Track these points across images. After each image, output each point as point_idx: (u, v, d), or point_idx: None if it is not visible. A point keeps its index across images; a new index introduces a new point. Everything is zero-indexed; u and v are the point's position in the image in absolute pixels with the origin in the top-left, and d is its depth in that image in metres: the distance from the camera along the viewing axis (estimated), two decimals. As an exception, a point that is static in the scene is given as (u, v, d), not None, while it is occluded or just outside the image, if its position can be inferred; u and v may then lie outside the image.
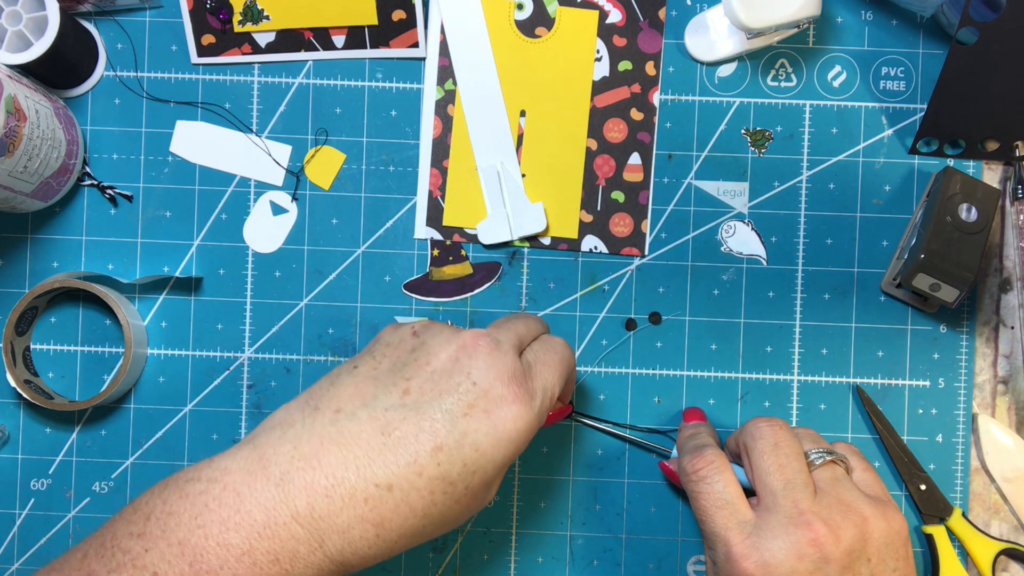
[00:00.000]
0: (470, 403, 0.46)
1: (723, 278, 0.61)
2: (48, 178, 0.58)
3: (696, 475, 0.53)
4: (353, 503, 0.44)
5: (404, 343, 0.49)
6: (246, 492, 0.43)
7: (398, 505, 0.44)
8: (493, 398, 0.46)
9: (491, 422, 0.46)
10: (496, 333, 0.49)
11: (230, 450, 0.46)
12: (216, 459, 0.45)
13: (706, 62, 0.61)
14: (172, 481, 0.45)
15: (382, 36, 0.60)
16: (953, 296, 0.56)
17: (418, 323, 0.51)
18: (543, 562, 0.61)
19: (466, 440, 0.45)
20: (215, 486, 0.44)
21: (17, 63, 0.56)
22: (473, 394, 0.46)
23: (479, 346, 0.47)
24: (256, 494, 0.43)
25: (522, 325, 0.52)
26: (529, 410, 0.47)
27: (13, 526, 0.61)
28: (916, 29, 0.61)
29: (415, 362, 0.47)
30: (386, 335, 0.51)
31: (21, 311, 0.59)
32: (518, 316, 0.54)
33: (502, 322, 0.52)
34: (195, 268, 0.61)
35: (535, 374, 0.49)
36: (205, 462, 0.45)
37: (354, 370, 0.48)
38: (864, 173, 0.61)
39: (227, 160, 0.61)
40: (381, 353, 0.49)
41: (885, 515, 0.50)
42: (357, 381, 0.47)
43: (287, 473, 0.43)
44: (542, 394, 0.49)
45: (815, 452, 0.52)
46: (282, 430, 0.45)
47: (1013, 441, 0.61)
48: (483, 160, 0.61)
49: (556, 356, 0.51)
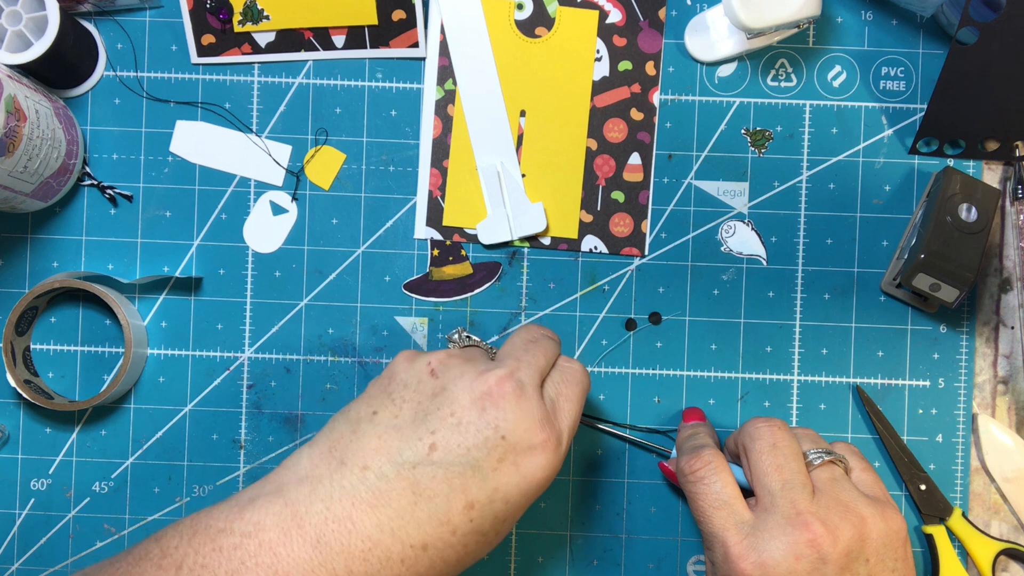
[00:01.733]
0: (499, 457, 0.46)
1: (723, 278, 0.61)
2: (48, 178, 0.58)
3: (694, 475, 0.53)
4: (390, 564, 0.44)
5: (423, 385, 0.48)
6: (283, 552, 0.43)
7: (433, 562, 0.45)
8: (522, 450, 0.46)
9: (520, 473, 0.46)
10: (519, 372, 0.48)
11: (259, 500, 0.45)
12: (247, 511, 0.45)
13: (706, 62, 0.61)
14: (201, 527, 0.45)
15: (382, 36, 0.60)
16: (953, 296, 0.56)
17: (435, 358, 0.49)
18: (543, 562, 0.61)
19: (497, 495, 0.46)
20: (250, 542, 0.43)
21: (17, 63, 0.56)
22: (502, 448, 0.46)
23: (505, 393, 0.46)
24: (293, 555, 0.43)
25: (541, 355, 0.51)
26: (557, 456, 0.47)
27: (13, 526, 0.61)
28: (916, 29, 0.61)
29: (438, 411, 0.46)
30: (401, 371, 0.49)
31: (21, 311, 0.59)
32: (535, 342, 0.52)
33: (521, 352, 0.50)
34: (195, 268, 0.61)
35: (559, 413, 0.49)
36: (235, 510, 0.45)
37: (374, 417, 0.47)
38: (864, 173, 0.61)
39: (227, 160, 0.61)
40: (400, 396, 0.48)
41: (883, 515, 0.50)
42: (380, 432, 0.46)
43: (323, 535, 0.44)
44: (568, 433, 0.49)
45: (814, 452, 0.52)
46: (311, 486, 0.45)
47: (1013, 441, 0.61)
48: (483, 160, 0.61)
49: (578, 389, 0.51)
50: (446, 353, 0.49)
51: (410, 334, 0.61)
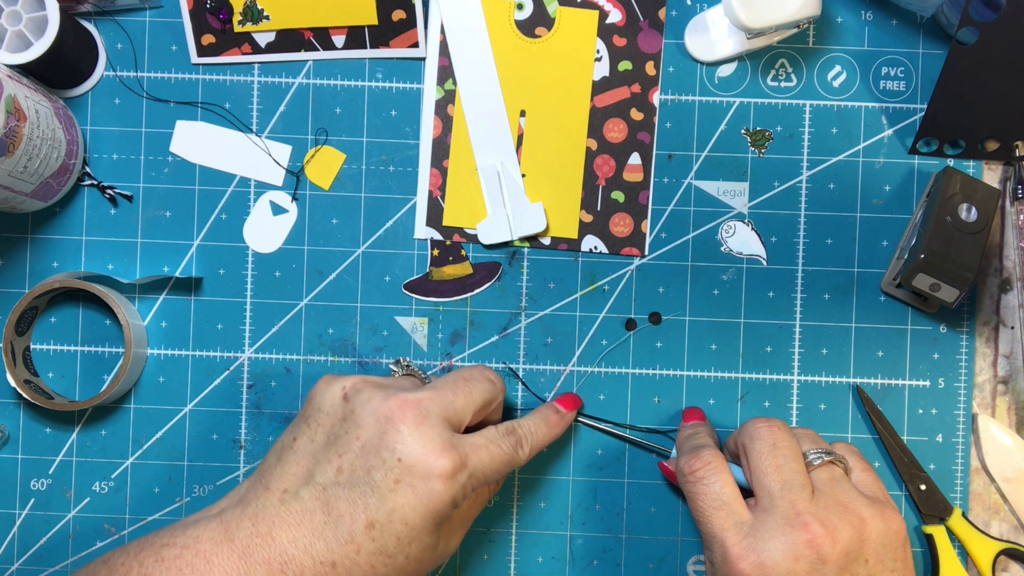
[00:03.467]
0: (395, 479, 0.48)
1: (723, 278, 0.61)
2: (48, 178, 0.58)
3: (693, 475, 0.53)
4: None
5: (335, 410, 0.51)
6: (215, 561, 0.47)
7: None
8: (418, 473, 0.48)
9: (417, 496, 0.48)
10: (427, 401, 0.50)
11: (201, 520, 0.49)
12: (189, 528, 0.49)
13: (706, 62, 0.61)
14: (147, 544, 0.49)
15: (382, 36, 0.60)
16: (953, 296, 0.56)
17: (349, 383, 0.51)
18: (543, 562, 0.61)
19: (395, 516, 0.48)
20: (188, 552, 0.48)
21: (17, 63, 0.56)
22: (399, 470, 0.48)
23: (405, 418, 0.49)
24: (223, 563, 0.47)
25: (463, 394, 0.52)
26: (453, 484, 0.49)
27: (13, 526, 0.61)
28: (916, 29, 0.61)
29: (346, 435, 0.49)
30: (318, 395, 0.52)
31: (21, 311, 0.59)
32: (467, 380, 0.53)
33: (444, 385, 0.52)
34: (195, 268, 0.61)
35: (472, 449, 0.50)
36: (179, 528, 0.49)
37: (294, 443, 0.51)
38: (864, 173, 0.61)
39: (227, 160, 0.61)
40: (316, 421, 0.51)
41: (883, 516, 0.50)
42: (298, 457, 0.50)
43: (248, 548, 0.48)
44: (471, 474, 0.50)
45: (813, 452, 0.52)
46: (242, 507, 0.49)
47: (1013, 441, 0.61)
48: (483, 160, 0.61)
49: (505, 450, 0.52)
50: (361, 378, 0.52)
51: (410, 334, 0.61)
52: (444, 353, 0.61)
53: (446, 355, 0.61)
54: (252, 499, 0.50)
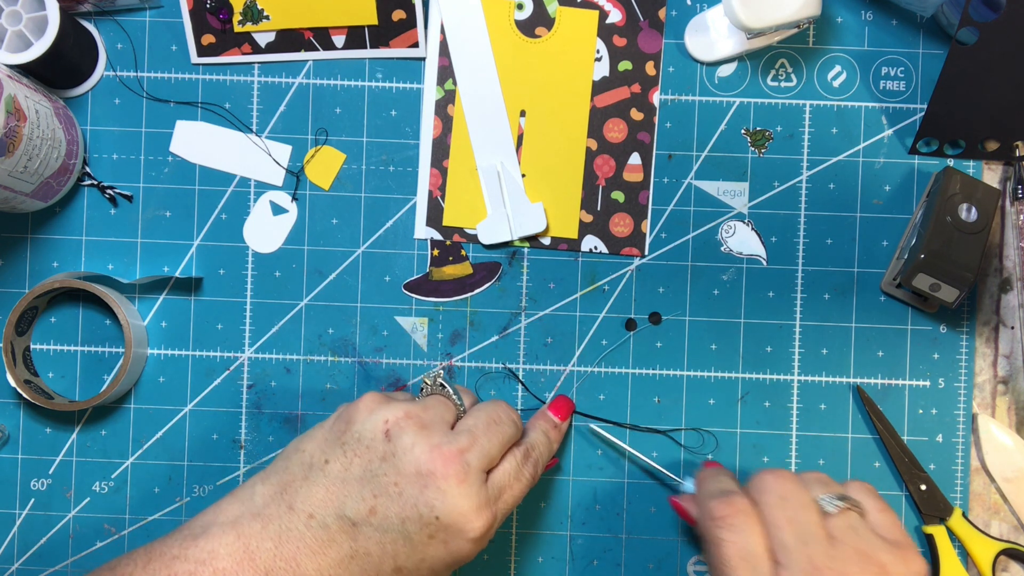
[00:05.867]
0: (430, 534, 0.48)
1: (723, 278, 0.61)
2: (48, 178, 0.58)
3: (723, 521, 0.50)
4: None
5: (376, 443, 0.50)
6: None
7: None
8: (454, 532, 0.49)
9: (448, 551, 0.49)
10: (469, 454, 0.49)
11: (212, 530, 0.48)
12: (200, 539, 0.48)
13: (706, 62, 0.61)
14: (156, 555, 0.47)
15: (382, 36, 0.60)
16: (953, 296, 0.56)
17: (392, 416, 0.50)
18: (543, 562, 0.61)
19: (424, 564, 0.49)
20: (204, 569, 0.47)
21: (17, 63, 0.56)
22: (434, 527, 0.48)
23: (448, 475, 0.48)
24: None
25: (498, 441, 0.52)
26: (485, 540, 0.50)
27: (13, 526, 0.61)
28: (916, 29, 0.61)
29: (384, 476, 0.49)
30: (359, 422, 0.50)
31: (21, 311, 0.59)
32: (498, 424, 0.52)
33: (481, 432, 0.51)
34: (195, 268, 0.61)
35: (500, 501, 0.51)
36: (189, 539, 0.48)
37: (326, 466, 0.50)
38: (864, 173, 0.61)
39: (227, 160, 0.61)
40: (353, 450, 0.50)
41: (905, 560, 0.49)
42: (328, 483, 0.49)
43: (271, 571, 0.47)
44: (503, 516, 0.51)
45: (827, 499, 0.50)
46: (262, 523, 0.48)
47: (1013, 441, 0.60)
48: (483, 160, 0.61)
49: (525, 482, 0.53)
50: (404, 412, 0.50)
51: (410, 334, 0.61)
52: (444, 353, 0.61)
53: (446, 355, 0.61)
54: (273, 516, 0.48)
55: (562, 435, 0.59)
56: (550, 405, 0.59)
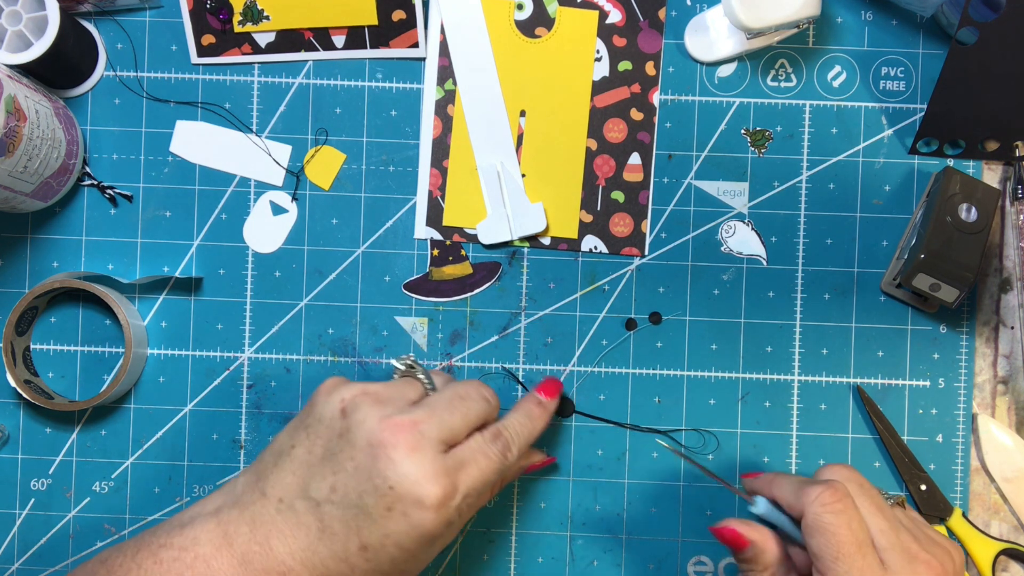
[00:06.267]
0: (387, 506, 0.48)
1: (723, 278, 0.61)
2: (48, 178, 0.58)
3: (832, 507, 0.48)
4: None
5: (334, 422, 0.50)
6: (215, 565, 0.48)
7: None
8: (409, 502, 0.47)
9: (409, 523, 0.48)
10: (423, 424, 0.49)
11: (197, 519, 0.49)
12: (186, 528, 0.49)
13: (706, 62, 0.61)
14: (144, 544, 0.49)
15: (382, 36, 0.60)
16: (953, 296, 0.56)
17: (348, 395, 0.50)
18: (543, 562, 0.61)
19: (388, 540, 0.48)
20: (187, 554, 0.48)
21: (17, 63, 0.56)
22: (390, 497, 0.47)
23: (398, 444, 0.48)
24: (223, 569, 0.48)
25: (460, 415, 0.51)
26: (445, 511, 0.48)
27: (13, 526, 0.61)
28: (916, 29, 0.61)
29: (341, 453, 0.49)
30: (319, 404, 0.51)
31: (21, 311, 0.59)
32: (463, 399, 0.52)
33: (441, 406, 0.51)
34: (195, 268, 0.61)
35: (463, 474, 0.49)
36: (176, 527, 0.49)
37: (292, 450, 0.50)
38: (864, 173, 0.61)
39: (227, 160, 0.61)
40: (315, 432, 0.50)
41: (955, 545, 0.51)
42: (295, 467, 0.50)
43: (247, 554, 0.48)
44: (467, 494, 0.49)
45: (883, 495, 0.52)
46: (239, 510, 0.49)
47: (1013, 441, 0.60)
48: (483, 160, 0.61)
49: (495, 460, 0.51)
50: (361, 390, 0.50)
51: (410, 334, 0.61)
52: (444, 353, 0.61)
53: (446, 355, 0.61)
54: (249, 503, 0.49)
55: (548, 414, 0.56)
56: (539, 385, 0.57)
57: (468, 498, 0.50)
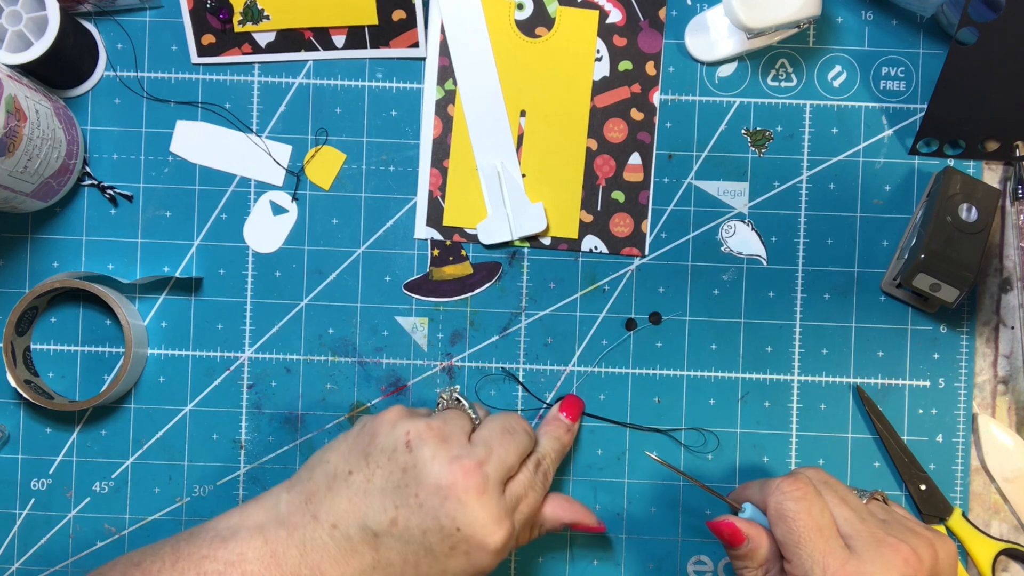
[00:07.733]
0: (452, 545, 0.49)
1: (723, 278, 0.61)
2: (48, 178, 0.58)
3: (793, 494, 0.50)
4: None
5: (397, 455, 0.50)
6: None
7: None
8: (475, 543, 0.49)
9: (469, 562, 0.49)
10: (487, 465, 0.50)
11: (240, 534, 0.49)
12: (229, 542, 0.49)
13: (706, 62, 0.61)
14: (183, 554, 0.48)
15: (382, 36, 0.60)
16: (953, 296, 0.56)
17: (414, 429, 0.51)
18: (543, 562, 0.61)
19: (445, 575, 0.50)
20: (233, 571, 0.48)
21: (17, 63, 0.56)
22: (456, 538, 0.49)
23: (468, 488, 0.49)
24: None
25: (514, 451, 0.52)
26: (505, 549, 0.50)
27: (13, 526, 0.61)
28: (916, 29, 0.61)
29: (405, 488, 0.49)
30: (382, 434, 0.51)
31: (21, 311, 0.59)
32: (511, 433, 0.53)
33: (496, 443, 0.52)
34: (195, 268, 0.61)
35: (518, 511, 0.52)
36: (218, 540, 0.49)
37: (349, 477, 0.50)
38: (864, 173, 0.61)
39: (227, 160, 0.61)
40: (375, 461, 0.50)
41: (941, 537, 0.51)
42: (351, 494, 0.50)
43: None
44: (520, 525, 0.52)
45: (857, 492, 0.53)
46: (288, 531, 0.49)
47: (1013, 441, 0.61)
48: (483, 160, 0.61)
49: (539, 491, 0.54)
50: (426, 425, 0.51)
51: (410, 334, 0.61)
52: (444, 353, 0.61)
53: (446, 355, 0.61)
54: (298, 525, 0.49)
55: (574, 436, 0.59)
56: (560, 405, 0.59)
57: (523, 527, 0.52)
